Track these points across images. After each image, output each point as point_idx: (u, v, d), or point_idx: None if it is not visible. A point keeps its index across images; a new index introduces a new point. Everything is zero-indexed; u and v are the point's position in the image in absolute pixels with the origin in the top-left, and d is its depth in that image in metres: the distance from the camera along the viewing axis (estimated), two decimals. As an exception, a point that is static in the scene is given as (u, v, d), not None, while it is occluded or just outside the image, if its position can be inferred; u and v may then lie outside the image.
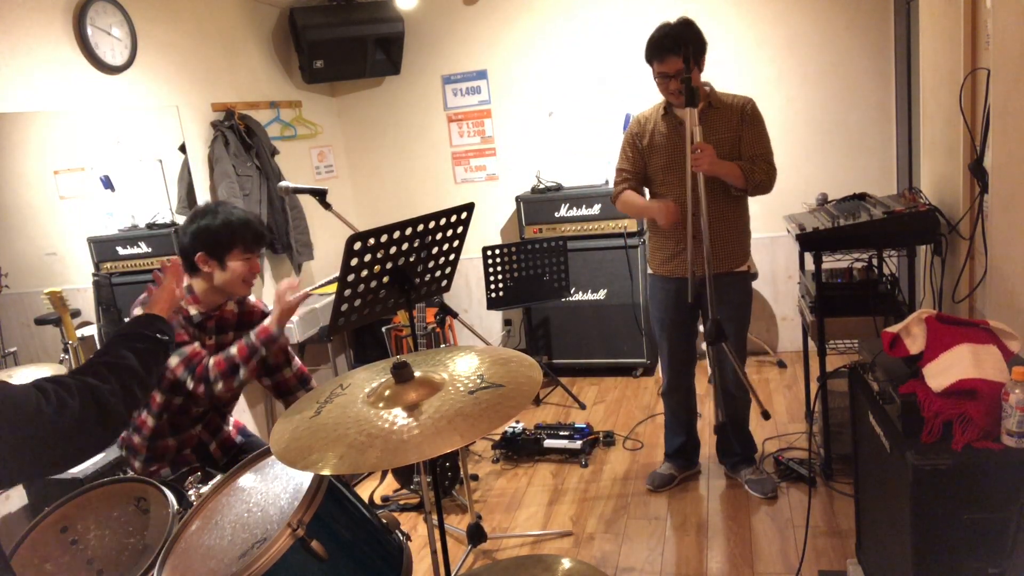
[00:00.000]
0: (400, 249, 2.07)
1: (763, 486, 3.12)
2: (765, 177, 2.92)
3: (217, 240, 2.22)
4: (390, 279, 2.09)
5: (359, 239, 1.94)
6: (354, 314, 2.08)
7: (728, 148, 2.92)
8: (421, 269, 2.20)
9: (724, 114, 2.95)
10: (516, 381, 1.55)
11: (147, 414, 2.32)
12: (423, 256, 2.17)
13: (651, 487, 3.28)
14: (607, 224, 4.50)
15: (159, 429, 2.34)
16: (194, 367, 2.20)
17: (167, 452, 2.38)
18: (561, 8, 4.70)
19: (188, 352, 2.22)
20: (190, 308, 2.30)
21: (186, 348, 2.23)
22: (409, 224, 2.06)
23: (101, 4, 3.18)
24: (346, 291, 2.00)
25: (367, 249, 1.98)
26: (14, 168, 2.98)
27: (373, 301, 2.10)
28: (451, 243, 2.26)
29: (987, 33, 2.35)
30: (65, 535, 1.96)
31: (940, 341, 1.79)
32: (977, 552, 1.60)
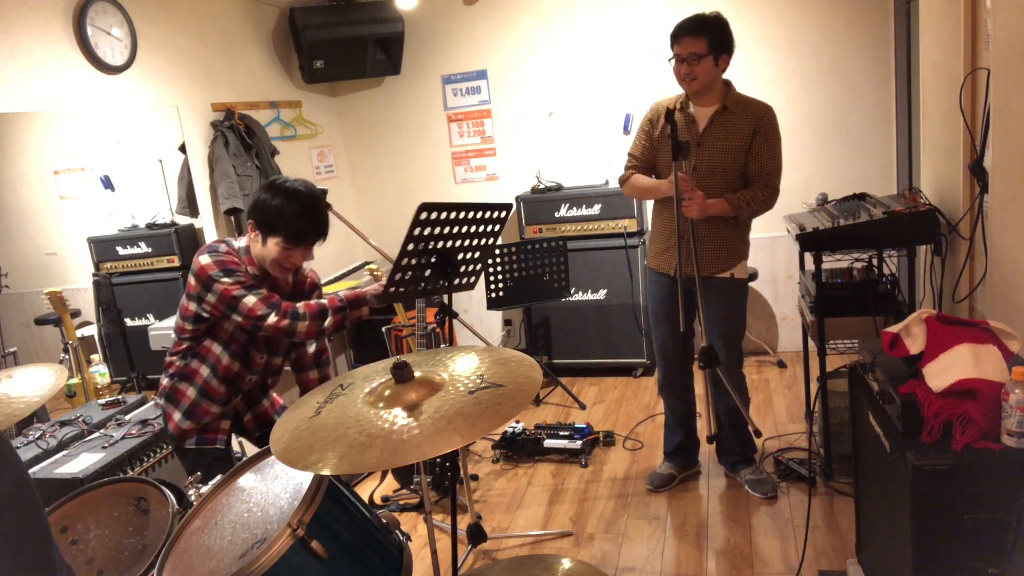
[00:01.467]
0: (452, 231, 2.18)
1: (763, 486, 3.12)
2: (759, 207, 2.86)
3: (266, 217, 2.20)
4: (436, 260, 2.17)
5: (429, 209, 2.03)
6: (402, 287, 2.16)
7: (733, 157, 2.86)
8: (460, 258, 2.27)
9: (738, 120, 2.85)
10: (516, 381, 1.55)
11: (203, 365, 2.32)
12: (466, 245, 2.25)
13: (651, 487, 3.27)
14: (607, 224, 4.50)
15: (210, 388, 2.33)
16: (277, 304, 2.18)
17: (205, 417, 2.36)
18: (561, 8, 4.70)
19: (265, 292, 2.21)
20: (247, 268, 2.29)
21: (261, 288, 2.22)
22: (472, 207, 2.20)
23: (101, 4, 3.19)
24: (404, 259, 2.08)
25: (431, 222, 2.07)
26: (14, 168, 2.98)
27: (419, 278, 2.22)
28: (487, 239, 2.34)
29: (987, 33, 2.35)
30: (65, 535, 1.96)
31: (940, 341, 1.79)
32: (977, 552, 1.60)
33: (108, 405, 3.01)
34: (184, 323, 2.30)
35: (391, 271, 2.11)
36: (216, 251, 2.22)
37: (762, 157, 2.85)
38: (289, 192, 2.20)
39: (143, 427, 2.78)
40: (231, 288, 2.16)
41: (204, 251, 2.22)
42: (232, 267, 2.20)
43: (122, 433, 2.75)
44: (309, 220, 2.21)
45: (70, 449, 2.71)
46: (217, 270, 2.17)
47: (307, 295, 2.47)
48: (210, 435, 2.39)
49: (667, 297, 3.05)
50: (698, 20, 2.77)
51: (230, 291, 2.16)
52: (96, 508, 2.03)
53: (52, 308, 3.00)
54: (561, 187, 4.72)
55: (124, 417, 2.93)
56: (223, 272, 2.17)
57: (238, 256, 2.26)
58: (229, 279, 2.17)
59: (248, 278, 2.22)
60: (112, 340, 3.39)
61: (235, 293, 2.16)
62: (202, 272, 2.17)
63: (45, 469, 2.59)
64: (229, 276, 2.18)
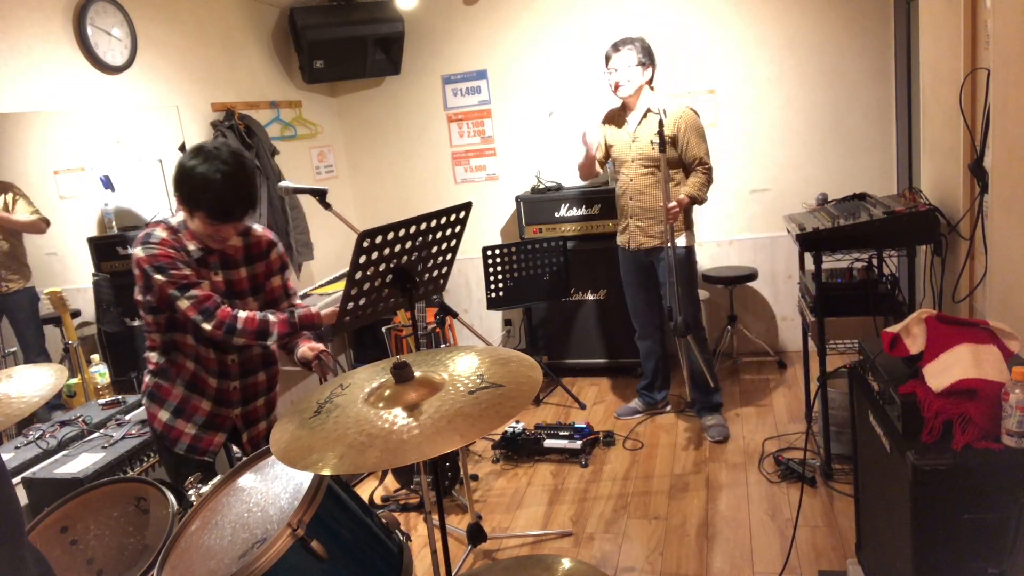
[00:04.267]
0: (403, 247, 2.07)
1: (714, 431, 3.68)
2: (707, 188, 3.54)
3: (190, 191, 2.04)
4: (392, 278, 2.10)
5: (369, 236, 1.95)
6: (359, 312, 2.08)
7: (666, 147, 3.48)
8: (421, 268, 2.20)
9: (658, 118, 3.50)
10: (516, 381, 1.55)
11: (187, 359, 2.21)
12: (423, 255, 2.17)
13: (616, 417, 4.05)
14: (607, 224, 4.50)
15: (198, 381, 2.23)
16: (211, 311, 2.06)
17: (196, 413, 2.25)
18: (561, 8, 4.70)
19: (199, 295, 2.06)
20: (188, 244, 2.14)
21: (196, 290, 2.07)
22: (415, 222, 2.07)
23: (101, 4, 3.18)
24: (353, 289, 2.00)
25: (375, 247, 1.99)
26: (14, 168, 2.98)
27: (376, 300, 2.11)
28: (449, 242, 2.27)
29: (987, 33, 2.35)
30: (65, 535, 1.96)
31: (940, 341, 1.79)
32: (977, 552, 1.60)
33: (108, 405, 3.01)
34: (145, 315, 2.18)
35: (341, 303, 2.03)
36: (149, 243, 2.07)
37: (689, 144, 3.54)
38: (208, 160, 2.01)
39: (143, 427, 2.78)
40: (165, 287, 2.05)
41: (139, 241, 2.08)
42: (164, 262, 2.05)
43: (122, 433, 2.75)
44: (236, 193, 2.04)
45: (70, 449, 2.71)
46: (149, 265, 2.05)
47: (265, 255, 2.31)
48: (202, 444, 2.28)
49: (631, 268, 3.80)
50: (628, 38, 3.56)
51: (165, 289, 2.05)
52: (96, 508, 2.03)
53: (52, 308, 3.00)
54: (561, 187, 4.72)
55: (124, 417, 2.93)
56: (155, 269, 2.05)
57: (176, 239, 2.10)
58: (162, 276, 2.04)
59: (183, 273, 2.06)
60: (112, 340, 3.39)
61: (169, 292, 2.05)
62: (138, 265, 2.07)
63: (45, 469, 2.59)
64: (162, 273, 2.04)
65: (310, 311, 2.22)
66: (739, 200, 4.65)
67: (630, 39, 3.54)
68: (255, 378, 2.38)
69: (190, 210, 2.07)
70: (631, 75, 3.51)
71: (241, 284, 2.26)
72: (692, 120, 3.54)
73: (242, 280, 2.25)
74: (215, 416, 2.29)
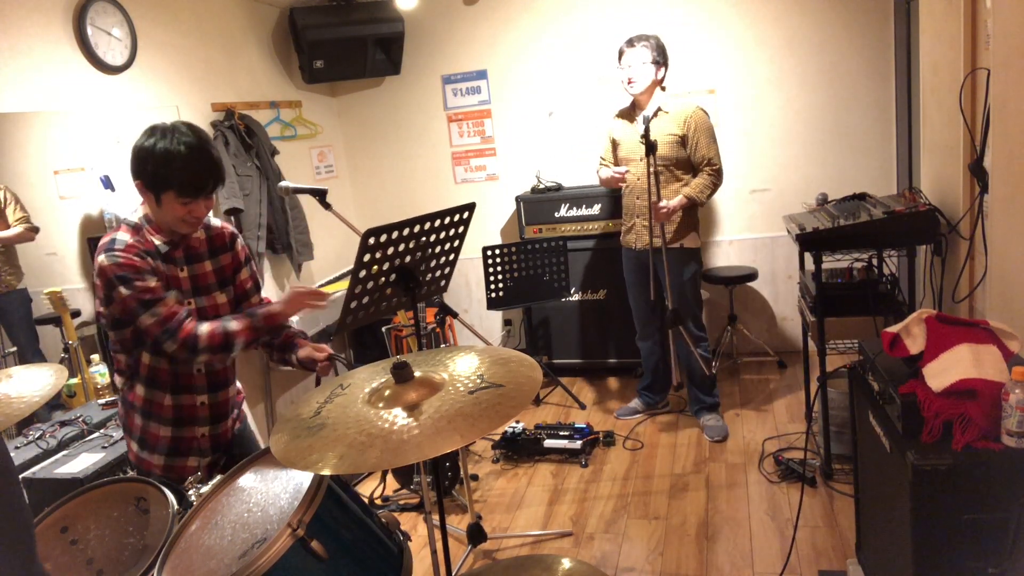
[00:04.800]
0: (407, 247, 2.08)
1: (713, 431, 3.69)
2: (711, 190, 3.56)
3: (154, 171, 1.91)
4: (396, 277, 2.10)
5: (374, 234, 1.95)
6: (362, 311, 2.08)
7: (672, 148, 3.56)
8: (423, 268, 2.20)
9: (671, 117, 3.57)
10: (516, 381, 1.55)
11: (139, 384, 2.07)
12: (426, 255, 2.17)
13: (617, 417, 4.05)
14: (607, 224, 4.50)
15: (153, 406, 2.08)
16: (174, 330, 1.91)
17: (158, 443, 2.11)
18: (561, 8, 4.71)
19: (163, 312, 1.92)
20: (153, 239, 2.01)
21: (160, 307, 1.92)
22: (419, 221, 2.08)
23: (101, 4, 3.18)
24: (357, 287, 2.01)
25: (380, 245, 1.99)
26: (14, 168, 2.98)
27: (379, 299, 2.11)
28: (452, 243, 2.27)
29: (987, 33, 2.35)
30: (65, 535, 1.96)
31: (940, 341, 1.79)
32: (977, 552, 1.61)
33: (108, 405, 3.01)
34: (110, 331, 2.02)
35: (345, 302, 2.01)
36: (114, 250, 1.92)
37: (699, 145, 3.55)
38: (168, 135, 1.92)
39: (143, 427, 2.78)
40: (129, 300, 1.91)
41: (103, 248, 1.94)
42: (130, 272, 1.91)
43: (122, 433, 2.74)
44: (203, 164, 1.94)
45: (70, 449, 2.71)
46: (114, 276, 1.91)
47: (231, 247, 2.19)
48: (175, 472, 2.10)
49: (634, 267, 3.79)
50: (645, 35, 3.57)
51: (129, 304, 1.91)
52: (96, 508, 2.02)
53: (52, 308, 3.00)
54: (561, 187, 4.72)
55: (124, 417, 2.92)
56: (119, 280, 1.90)
57: (140, 239, 1.98)
58: (126, 289, 1.91)
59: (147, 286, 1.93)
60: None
61: (132, 307, 1.92)
62: (102, 275, 1.93)
63: (45, 469, 2.59)
64: (126, 285, 1.90)
65: (271, 311, 2.07)
66: (739, 200, 4.65)
67: (645, 36, 3.54)
68: (226, 393, 2.20)
69: (156, 193, 1.94)
70: (644, 72, 3.51)
71: (207, 278, 2.13)
72: (703, 120, 3.55)
73: (207, 274, 2.13)
74: (178, 440, 2.12)
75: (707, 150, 3.53)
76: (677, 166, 3.59)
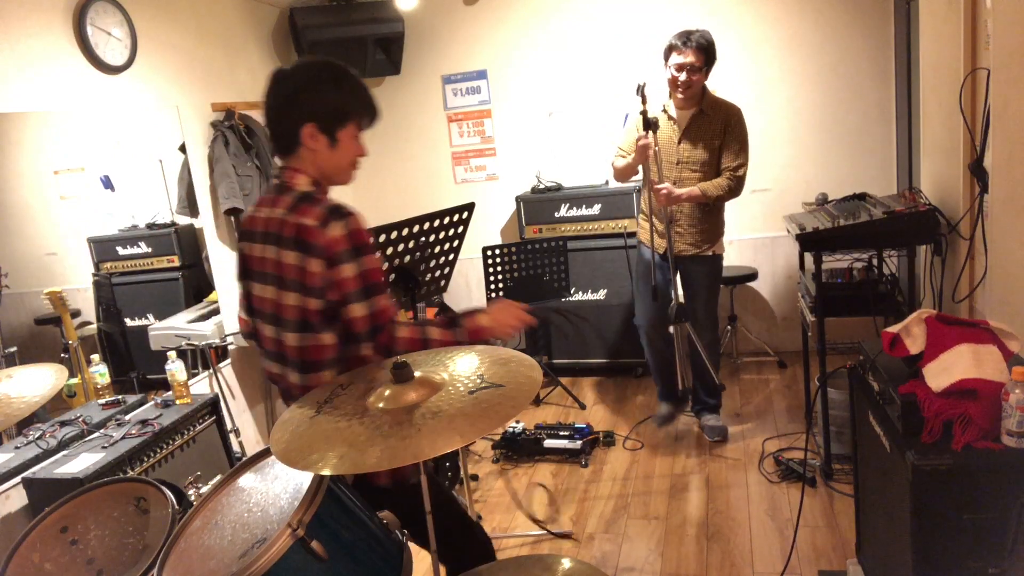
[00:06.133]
0: (406, 247, 2.07)
1: (714, 431, 3.65)
2: (726, 194, 3.37)
3: (340, 102, 1.73)
4: (395, 277, 2.10)
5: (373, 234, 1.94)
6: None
7: (711, 153, 3.39)
8: (423, 268, 2.20)
9: (712, 120, 3.37)
10: (516, 381, 1.54)
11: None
12: (425, 255, 2.17)
13: (657, 425, 3.88)
14: (607, 224, 4.50)
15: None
16: (377, 330, 1.70)
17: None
18: (561, 8, 4.70)
19: (380, 305, 1.68)
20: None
21: (380, 298, 1.68)
22: (417, 221, 2.08)
23: (101, 4, 3.18)
24: None
25: (379, 245, 1.98)
26: (14, 168, 2.98)
27: None
28: (452, 242, 2.27)
29: (987, 33, 2.35)
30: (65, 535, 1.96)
31: (940, 341, 1.79)
32: (977, 552, 1.61)
33: (108, 405, 3.01)
34: (321, 334, 1.71)
35: None
36: (346, 213, 1.67)
37: (729, 152, 3.37)
38: (333, 66, 1.75)
39: (143, 427, 2.78)
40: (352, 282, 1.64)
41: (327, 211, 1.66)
42: (367, 241, 1.68)
43: (122, 433, 2.75)
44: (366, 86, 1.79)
45: (70, 449, 2.71)
46: (353, 246, 1.66)
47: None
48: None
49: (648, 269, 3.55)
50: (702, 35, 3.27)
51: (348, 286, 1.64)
52: (96, 508, 2.03)
53: (52, 308, 3.00)
54: (561, 187, 4.72)
55: (124, 417, 2.93)
56: (358, 252, 1.66)
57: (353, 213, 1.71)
58: (357, 266, 1.65)
59: (381, 267, 1.69)
60: (112, 340, 3.39)
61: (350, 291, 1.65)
62: (335, 246, 1.64)
63: (45, 469, 2.59)
64: (362, 258, 1.66)
65: (478, 326, 1.81)
66: (739, 200, 4.62)
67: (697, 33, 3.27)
68: None
69: (333, 132, 1.72)
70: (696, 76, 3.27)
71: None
72: (742, 125, 3.38)
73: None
74: None
75: (738, 157, 3.36)
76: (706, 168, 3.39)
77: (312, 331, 1.71)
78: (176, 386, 3.01)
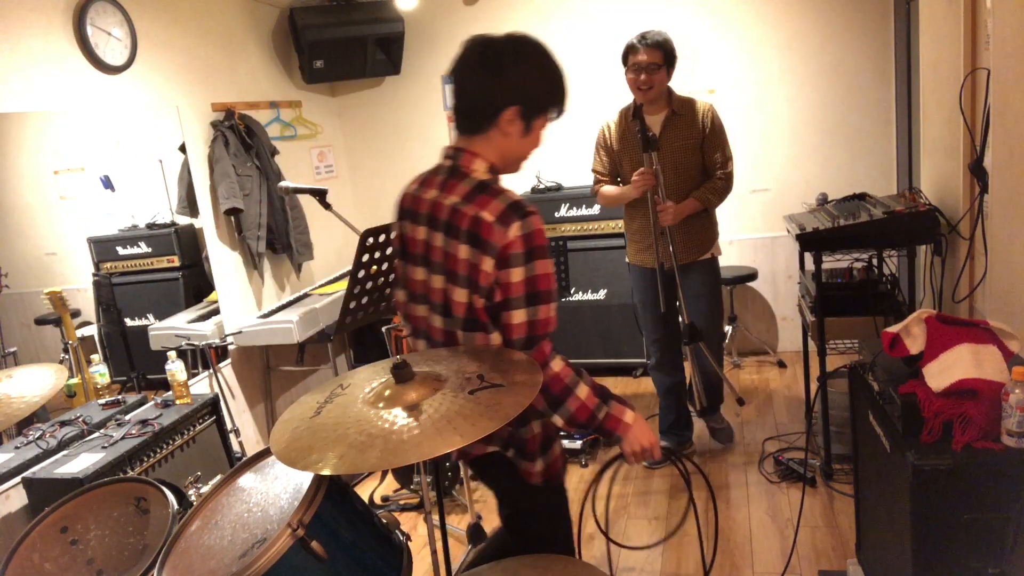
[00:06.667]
0: None
1: (720, 434, 3.56)
2: (721, 196, 3.25)
3: (547, 91, 1.66)
4: (395, 278, 2.10)
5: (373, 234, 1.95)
6: (361, 311, 2.09)
7: (689, 154, 3.22)
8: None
9: (686, 118, 3.22)
10: (516, 381, 1.54)
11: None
12: None
13: (647, 466, 3.49)
14: (607, 224, 4.50)
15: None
16: (533, 341, 1.60)
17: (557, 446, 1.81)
18: (560, 8, 4.71)
19: (541, 316, 1.60)
20: None
21: (543, 307, 1.59)
22: None
23: (101, 4, 3.18)
24: (356, 288, 2.01)
25: (379, 245, 1.99)
26: (14, 168, 2.98)
27: (379, 299, 2.11)
28: None
29: (987, 33, 2.35)
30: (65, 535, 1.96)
31: (940, 341, 1.79)
32: (977, 552, 1.61)
33: (108, 405, 3.01)
34: (490, 336, 1.65)
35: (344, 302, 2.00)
36: (531, 213, 1.56)
37: (713, 148, 3.21)
38: (550, 51, 1.66)
39: (143, 427, 2.78)
40: (521, 286, 1.55)
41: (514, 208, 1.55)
42: (546, 244, 1.59)
43: (122, 433, 2.75)
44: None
45: (70, 449, 2.71)
46: (535, 246, 1.55)
47: None
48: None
49: (652, 287, 3.36)
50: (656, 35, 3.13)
51: (516, 290, 1.55)
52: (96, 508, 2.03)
53: (52, 308, 3.00)
54: (561, 187, 4.72)
55: (124, 417, 2.93)
56: (538, 251, 1.56)
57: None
58: (532, 269, 1.55)
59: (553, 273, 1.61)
60: (112, 340, 3.39)
61: (518, 296, 1.57)
62: (517, 245, 1.54)
63: (45, 469, 2.59)
64: (541, 260, 1.56)
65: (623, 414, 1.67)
66: (739, 200, 4.65)
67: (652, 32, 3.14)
68: None
69: (531, 120, 1.65)
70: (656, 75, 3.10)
71: None
72: (718, 119, 3.23)
73: None
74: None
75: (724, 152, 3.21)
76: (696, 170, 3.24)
77: (483, 330, 1.63)
78: (176, 386, 3.01)
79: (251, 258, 4.01)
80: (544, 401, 1.61)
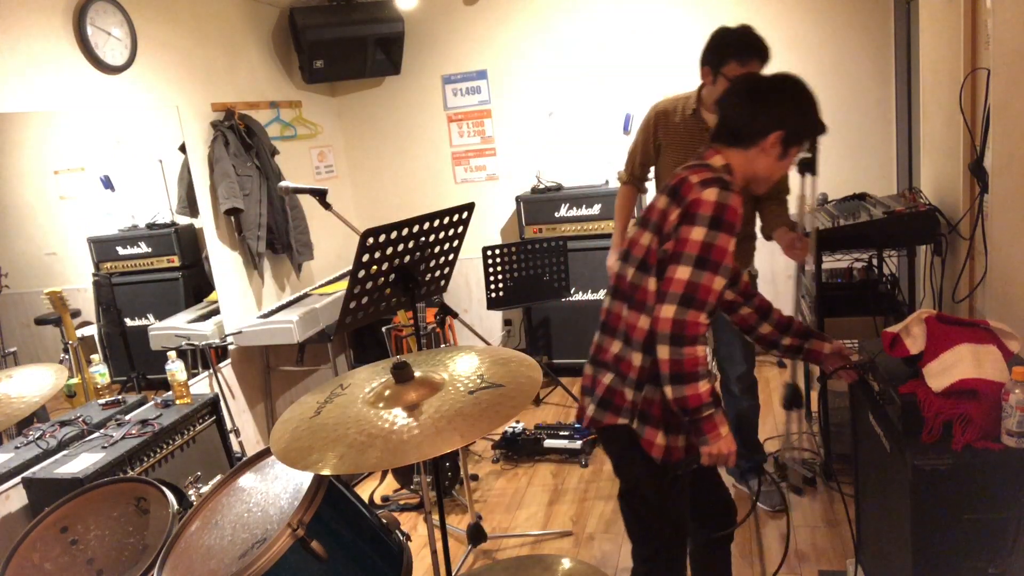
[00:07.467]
0: (406, 247, 2.08)
1: (770, 498, 3.03)
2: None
3: (809, 125, 1.81)
4: (395, 277, 2.11)
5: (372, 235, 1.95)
6: (361, 312, 2.09)
7: None
8: (423, 268, 2.21)
9: None
10: (516, 381, 1.55)
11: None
12: (425, 255, 2.18)
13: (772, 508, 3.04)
14: (607, 224, 4.50)
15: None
16: (688, 302, 1.60)
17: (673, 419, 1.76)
18: (561, 8, 4.70)
19: (704, 281, 1.61)
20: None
21: (709, 275, 1.60)
22: (418, 221, 2.08)
23: (101, 4, 3.18)
24: (356, 288, 2.01)
25: (379, 245, 2.00)
26: (14, 168, 2.98)
27: (379, 299, 2.11)
28: (451, 242, 2.27)
29: (987, 33, 2.35)
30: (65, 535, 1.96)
31: (940, 341, 1.79)
32: (977, 552, 1.60)
33: (108, 405, 3.01)
34: (648, 279, 1.70)
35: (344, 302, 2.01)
36: (730, 189, 1.65)
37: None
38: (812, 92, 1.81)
39: (143, 427, 2.78)
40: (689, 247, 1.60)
41: (714, 181, 1.64)
42: (732, 220, 1.63)
43: (122, 433, 2.75)
44: None
45: (70, 449, 2.71)
46: (714, 214, 1.61)
47: None
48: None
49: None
50: (763, 43, 2.82)
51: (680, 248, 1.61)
52: (96, 508, 2.03)
53: (52, 308, 3.00)
54: (561, 187, 4.72)
55: (124, 417, 2.93)
56: (715, 223, 1.61)
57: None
58: (709, 238, 1.60)
59: (729, 249, 1.63)
60: (112, 340, 3.39)
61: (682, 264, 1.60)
62: (696, 206, 1.63)
63: (45, 469, 2.59)
64: (720, 230, 1.61)
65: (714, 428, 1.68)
66: (739, 200, 4.65)
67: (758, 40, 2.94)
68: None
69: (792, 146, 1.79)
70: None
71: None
72: None
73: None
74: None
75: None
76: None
77: (647, 272, 1.72)
78: (176, 386, 3.01)
79: (251, 258, 4.01)
80: (669, 368, 1.61)
